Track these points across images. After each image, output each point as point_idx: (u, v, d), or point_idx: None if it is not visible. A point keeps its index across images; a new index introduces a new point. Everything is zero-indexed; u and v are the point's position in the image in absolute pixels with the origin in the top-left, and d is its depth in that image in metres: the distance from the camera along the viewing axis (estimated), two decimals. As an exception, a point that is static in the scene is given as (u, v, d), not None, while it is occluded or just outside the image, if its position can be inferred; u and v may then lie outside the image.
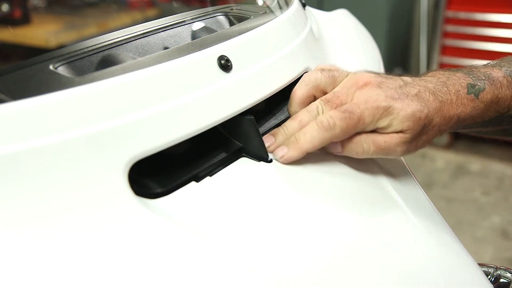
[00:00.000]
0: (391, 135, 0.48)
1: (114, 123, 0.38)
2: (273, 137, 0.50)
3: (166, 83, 0.42)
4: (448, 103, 0.50)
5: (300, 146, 0.47)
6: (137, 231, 0.37)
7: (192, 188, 0.43)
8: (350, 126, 0.47)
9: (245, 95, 0.47)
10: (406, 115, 0.47)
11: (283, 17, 0.57)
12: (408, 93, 0.49)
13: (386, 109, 0.47)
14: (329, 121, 0.47)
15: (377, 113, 0.47)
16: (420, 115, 0.48)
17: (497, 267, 0.52)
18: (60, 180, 0.35)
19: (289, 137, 0.49)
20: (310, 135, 0.47)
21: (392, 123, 0.48)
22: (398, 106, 0.47)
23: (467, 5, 2.33)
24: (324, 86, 0.51)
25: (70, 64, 0.44)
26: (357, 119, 0.47)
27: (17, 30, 1.84)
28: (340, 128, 0.47)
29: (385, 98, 0.48)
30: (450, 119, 0.50)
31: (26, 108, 0.35)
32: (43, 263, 0.33)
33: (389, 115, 0.47)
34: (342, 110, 0.47)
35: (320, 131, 0.47)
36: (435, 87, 0.50)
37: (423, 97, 0.49)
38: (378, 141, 0.49)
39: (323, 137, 0.47)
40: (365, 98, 0.48)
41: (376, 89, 0.48)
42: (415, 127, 0.48)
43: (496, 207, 2.08)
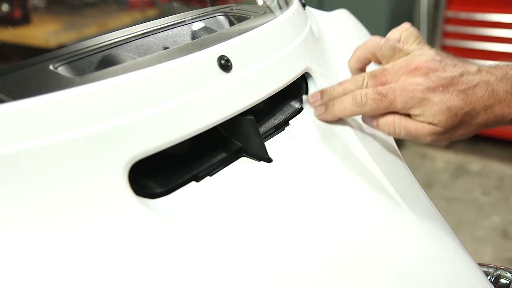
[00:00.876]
0: (422, 124, 0.50)
1: (114, 123, 0.38)
2: (320, 94, 0.55)
3: (166, 83, 0.42)
4: (506, 102, 0.49)
5: (333, 112, 0.53)
6: (137, 231, 0.37)
7: (192, 188, 0.43)
8: (381, 108, 0.50)
9: (245, 95, 0.47)
10: (441, 109, 0.48)
11: (283, 17, 0.57)
12: (458, 85, 0.48)
13: (420, 100, 0.48)
14: (362, 98, 0.50)
15: (410, 102, 0.48)
16: (457, 112, 0.48)
17: (497, 267, 0.52)
18: (60, 180, 0.35)
19: (331, 99, 0.54)
20: (344, 105, 0.52)
21: (424, 113, 0.49)
22: (435, 99, 0.48)
23: (467, 5, 2.33)
24: (381, 56, 0.54)
25: (70, 64, 0.44)
26: (388, 103, 0.49)
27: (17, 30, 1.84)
28: (370, 107, 0.50)
29: (424, 89, 0.48)
30: (503, 118, 0.50)
31: (26, 108, 0.35)
32: (43, 263, 0.33)
33: (422, 106, 0.48)
34: (378, 92, 0.50)
35: (353, 104, 0.51)
36: (498, 82, 0.49)
37: (477, 92, 0.48)
38: (410, 127, 0.50)
39: (354, 110, 0.51)
40: (405, 84, 0.49)
41: (421, 78, 0.49)
42: (448, 122, 0.48)
43: (496, 207, 2.08)
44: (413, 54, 0.52)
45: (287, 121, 0.55)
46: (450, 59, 0.51)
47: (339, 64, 0.69)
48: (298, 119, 0.56)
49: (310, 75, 0.58)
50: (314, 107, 0.55)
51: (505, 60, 0.52)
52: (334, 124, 0.55)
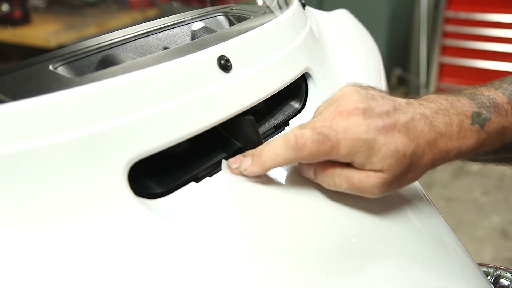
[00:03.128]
0: (368, 174, 0.42)
1: (114, 123, 0.38)
2: (243, 156, 0.45)
3: (166, 83, 0.42)
4: (448, 135, 0.44)
5: (262, 162, 0.43)
6: (137, 231, 0.37)
7: (191, 188, 0.43)
8: (322, 152, 0.41)
9: (245, 95, 0.47)
10: (388, 152, 0.41)
11: (283, 17, 0.57)
12: (397, 121, 0.42)
13: (366, 142, 0.41)
14: (297, 140, 0.41)
15: (355, 146, 0.41)
16: (405, 152, 0.42)
17: (497, 267, 0.52)
18: (59, 181, 0.35)
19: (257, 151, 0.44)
20: (274, 151, 0.42)
21: (370, 160, 0.41)
22: (380, 140, 0.41)
23: (467, 5, 2.33)
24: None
25: (70, 64, 0.44)
26: (330, 147, 0.41)
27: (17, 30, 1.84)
28: (309, 151, 0.41)
29: (366, 129, 0.41)
30: (448, 153, 0.44)
31: (25, 108, 0.35)
32: (43, 263, 0.33)
33: (368, 151, 0.41)
34: (318, 132, 0.41)
35: (285, 149, 0.41)
36: (434, 115, 0.44)
37: (416, 126, 0.43)
38: (353, 179, 0.43)
39: (287, 157, 0.41)
40: (345, 125, 0.41)
41: (359, 117, 0.42)
42: (397, 166, 0.42)
43: (496, 207, 2.08)
44: (333, 98, 0.45)
45: (287, 121, 0.55)
46: (374, 90, 0.45)
47: (339, 64, 0.69)
48: (298, 119, 0.56)
49: (310, 75, 0.58)
50: (235, 173, 0.45)
51: (506, 60, 0.52)
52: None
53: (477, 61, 2.36)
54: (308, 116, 0.56)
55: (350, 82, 0.48)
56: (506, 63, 2.28)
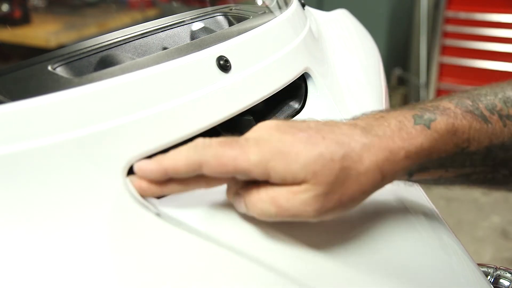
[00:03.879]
0: (293, 189, 0.36)
1: (113, 124, 0.38)
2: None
3: (165, 83, 0.42)
4: (387, 136, 0.38)
5: (160, 163, 0.37)
6: (137, 230, 0.37)
7: (191, 188, 0.43)
8: (227, 157, 0.35)
9: (244, 96, 0.47)
10: (310, 157, 0.35)
11: (282, 17, 0.57)
12: (321, 131, 0.37)
13: (281, 149, 0.36)
14: (204, 141, 0.36)
15: (268, 152, 0.36)
16: (333, 156, 0.36)
17: (497, 267, 0.52)
18: (58, 181, 0.35)
19: None
20: (177, 153, 0.37)
21: (290, 169, 0.35)
22: (299, 146, 0.36)
23: (467, 5, 2.33)
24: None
25: (69, 64, 0.44)
26: (238, 152, 0.35)
27: (17, 30, 1.84)
28: (214, 153, 0.35)
29: (281, 137, 0.36)
30: (394, 154, 0.38)
31: (24, 108, 0.35)
32: (43, 263, 0.33)
33: (285, 157, 0.35)
34: (229, 139, 0.37)
35: (189, 149, 0.36)
36: (367, 122, 0.39)
37: (345, 133, 0.38)
38: (279, 199, 0.36)
39: (188, 157, 0.36)
40: (257, 136, 0.37)
41: (273, 130, 0.37)
42: (326, 172, 0.35)
43: (496, 207, 2.08)
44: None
45: (287, 121, 0.55)
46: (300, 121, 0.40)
47: (339, 64, 0.69)
48: (298, 119, 0.55)
49: (310, 75, 0.58)
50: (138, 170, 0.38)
51: (506, 60, 0.52)
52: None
53: (477, 61, 2.36)
54: (307, 116, 0.56)
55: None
56: (506, 63, 2.28)
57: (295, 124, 0.38)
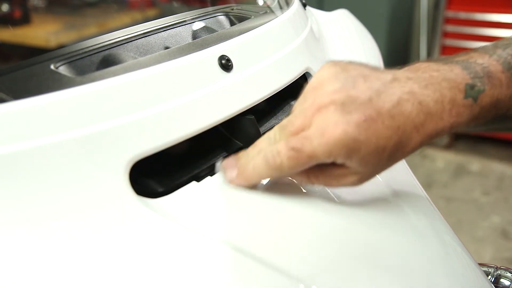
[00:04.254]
0: (345, 171, 0.41)
1: (115, 123, 0.38)
2: (236, 159, 0.44)
3: (167, 83, 0.42)
4: (439, 114, 0.40)
5: (246, 177, 0.43)
6: (138, 230, 0.37)
7: (193, 187, 0.43)
8: (299, 165, 0.40)
9: (246, 95, 0.47)
10: (369, 151, 0.39)
11: (284, 17, 0.57)
12: (381, 109, 0.39)
13: (346, 143, 0.38)
14: (275, 159, 0.40)
15: (334, 149, 0.38)
16: (386, 146, 0.39)
17: (497, 267, 0.52)
18: (61, 180, 0.35)
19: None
20: (257, 168, 0.42)
21: (350, 160, 0.39)
22: (361, 137, 0.38)
23: (467, 5, 2.33)
24: None
25: (71, 63, 0.44)
26: (307, 158, 0.39)
27: (17, 30, 1.84)
28: (288, 167, 0.40)
29: (345, 127, 0.38)
30: (438, 133, 0.41)
31: (27, 107, 0.35)
32: (44, 263, 0.33)
33: (348, 151, 0.38)
34: (291, 146, 0.39)
35: (266, 167, 0.41)
36: (424, 91, 0.40)
37: (402, 111, 0.39)
38: (330, 177, 0.42)
39: (270, 174, 0.41)
40: (322, 127, 0.38)
41: (337, 114, 0.38)
42: (376, 162, 0.40)
43: (496, 207, 2.08)
44: (311, 86, 0.42)
45: (288, 121, 0.55)
46: (355, 70, 0.41)
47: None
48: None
49: (311, 75, 0.58)
50: (224, 172, 0.44)
51: None
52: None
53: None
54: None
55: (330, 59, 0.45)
56: (506, 63, 2.28)
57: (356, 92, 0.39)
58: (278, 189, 0.45)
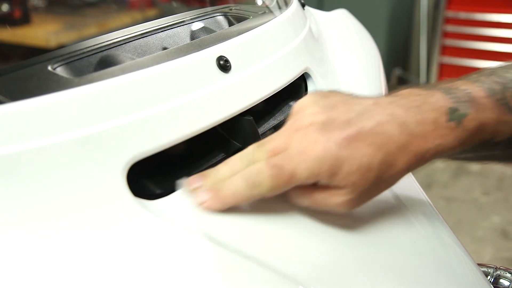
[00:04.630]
0: (331, 192, 0.40)
1: (113, 124, 0.38)
2: (203, 178, 0.41)
3: (165, 83, 0.42)
4: (422, 136, 0.40)
5: (222, 198, 0.40)
6: (136, 232, 0.37)
7: (191, 189, 0.43)
8: (281, 184, 0.39)
9: (244, 96, 0.47)
10: (352, 168, 0.38)
11: (282, 17, 0.57)
12: (361, 129, 0.39)
13: (327, 161, 0.38)
14: (256, 177, 0.39)
15: (315, 167, 0.38)
16: (371, 165, 0.38)
17: (497, 267, 0.52)
18: (58, 181, 0.35)
19: (217, 183, 0.40)
20: (234, 189, 0.39)
21: (334, 179, 0.39)
22: (342, 154, 0.38)
23: (467, 5, 2.33)
24: None
25: (69, 64, 0.44)
26: (288, 177, 0.38)
27: (17, 30, 1.84)
28: (269, 187, 0.39)
29: (325, 146, 0.38)
30: (424, 155, 0.40)
31: (24, 109, 0.35)
32: (42, 264, 0.33)
33: (330, 169, 0.38)
34: (272, 164, 0.38)
35: (246, 187, 0.39)
36: (405, 114, 0.40)
37: (384, 131, 0.39)
38: (315, 197, 0.40)
39: (249, 194, 0.39)
40: (302, 146, 0.38)
41: (316, 134, 0.38)
42: (363, 181, 0.39)
43: (496, 207, 2.08)
44: (292, 111, 0.42)
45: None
46: (336, 96, 0.42)
47: (339, 64, 0.69)
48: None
49: (309, 75, 0.58)
50: (190, 192, 0.41)
51: (506, 60, 0.51)
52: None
53: (477, 61, 2.36)
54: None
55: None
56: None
57: (336, 114, 0.39)
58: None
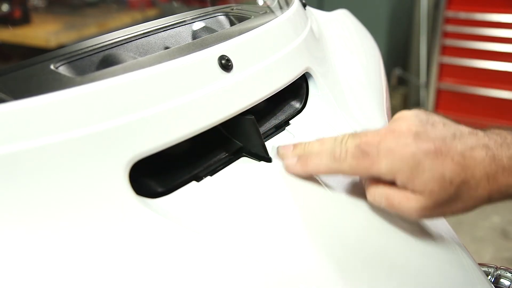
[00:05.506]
0: (408, 196, 0.41)
1: (115, 123, 0.38)
2: (292, 147, 0.47)
3: (167, 82, 0.42)
4: (509, 171, 0.41)
5: (306, 165, 0.45)
6: (138, 230, 0.37)
7: (193, 187, 0.43)
8: (361, 168, 0.42)
9: (246, 95, 0.47)
10: (433, 176, 0.40)
11: (284, 17, 0.57)
12: (452, 148, 0.40)
13: (410, 162, 0.40)
14: (341, 153, 0.43)
15: (398, 164, 0.40)
16: (453, 179, 0.40)
17: (497, 267, 0.52)
18: (61, 180, 0.35)
19: (305, 153, 0.46)
20: (319, 159, 0.44)
21: (413, 182, 0.40)
22: (426, 164, 0.40)
23: (467, 5, 2.33)
24: None
25: (71, 63, 0.44)
26: (370, 163, 0.41)
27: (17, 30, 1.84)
28: (349, 165, 0.42)
29: (414, 150, 0.40)
30: (507, 189, 0.42)
31: (27, 107, 0.35)
32: (45, 262, 0.33)
33: (411, 172, 0.40)
34: (360, 149, 0.42)
35: (329, 159, 0.43)
36: (498, 147, 0.42)
37: (475, 156, 0.41)
38: (392, 198, 0.42)
39: (329, 167, 0.44)
40: (392, 145, 0.41)
41: (409, 139, 0.41)
42: (440, 192, 0.40)
43: (496, 207, 2.08)
44: (393, 120, 0.45)
45: (288, 121, 0.55)
46: (438, 117, 0.44)
47: (339, 64, 0.69)
48: (299, 119, 0.56)
49: (311, 75, 0.58)
50: (280, 158, 0.47)
51: (506, 60, 0.51)
52: (334, 123, 0.55)
53: (477, 61, 2.36)
54: (308, 116, 0.56)
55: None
56: (506, 63, 2.28)
57: (433, 130, 0.42)
58: (279, 190, 0.45)
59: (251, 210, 0.42)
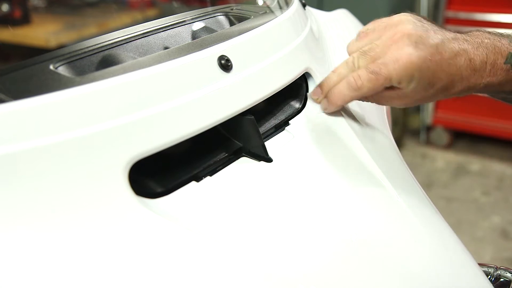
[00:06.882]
0: (397, 99, 0.52)
1: (115, 123, 0.38)
2: (319, 89, 0.54)
3: (167, 83, 0.42)
4: (481, 72, 0.50)
5: (335, 102, 0.53)
6: (138, 230, 0.37)
7: (192, 187, 0.43)
8: (378, 86, 0.50)
9: (245, 95, 0.47)
10: (423, 83, 0.49)
11: (283, 17, 0.57)
12: (443, 55, 0.49)
13: (412, 72, 0.48)
14: (356, 82, 0.50)
15: (404, 74, 0.49)
16: (436, 83, 0.49)
17: (497, 267, 0.52)
18: (60, 180, 0.35)
19: (330, 89, 0.53)
20: (341, 93, 0.52)
21: (408, 85, 0.49)
22: (423, 70, 0.49)
23: (467, 5, 2.33)
24: None
25: (71, 64, 0.44)
26: (383, 80, 0.49)
27: (17, 30, 1.84)
28: (368, 88, 0.50)
29: (415, 60, 0.48)
30: (475, 86, 0.51)
31: (26, 108, 0.35)
32: (44, 262, 0.33)
33: (411, 78, 0.49)
34: (371, 71, 0.49)
35: (350, 90, 0.51)
36: (475, 51, 0.51)
37: (456, 63, 0.50)
38: (382, 101, 0.53)
39: (352, 96, 0.51)
40: (396, 56, 0.49)
41: (411, 48, 0.49)
42: (425, 93, 0.50)
43: (496, 207, 2.08)
44: (391, 23, 0.53)
45: (287, 121, 0.55)
46: (427, 23, 0.52)
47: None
48: (298, 119, 0.56)
49: (310, 75, 0.58)
50: (317, 103, 0.56)
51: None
52: (334, 124, 0.55)
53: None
54: (308, 116, 0.56)
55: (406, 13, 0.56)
56: (506, 63, 2.28)
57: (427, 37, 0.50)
58: (279, 190, 0.45)
59: (250, 210, 0.42)
